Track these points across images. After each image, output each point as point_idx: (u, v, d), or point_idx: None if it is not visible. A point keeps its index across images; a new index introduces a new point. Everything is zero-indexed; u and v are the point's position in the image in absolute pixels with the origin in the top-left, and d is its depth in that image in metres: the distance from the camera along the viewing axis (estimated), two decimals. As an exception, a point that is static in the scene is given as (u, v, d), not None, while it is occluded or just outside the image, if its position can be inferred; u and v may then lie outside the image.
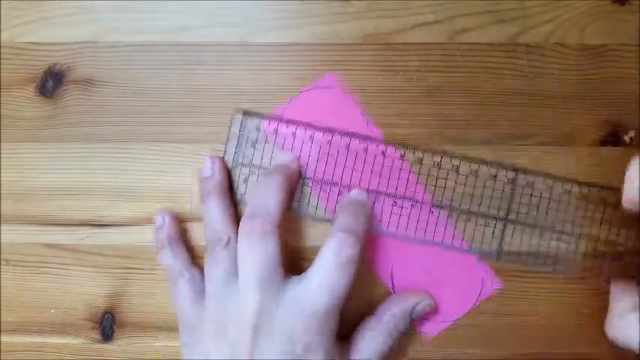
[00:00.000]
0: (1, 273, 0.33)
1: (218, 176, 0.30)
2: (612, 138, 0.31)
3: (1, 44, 0.33)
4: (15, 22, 0.33)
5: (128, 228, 0.32)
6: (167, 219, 0.31)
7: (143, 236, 0.32)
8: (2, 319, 0.33)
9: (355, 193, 0.30)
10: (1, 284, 0.33)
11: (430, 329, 0.31)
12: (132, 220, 0.32)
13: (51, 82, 0.33)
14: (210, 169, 0.31)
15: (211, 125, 0.32)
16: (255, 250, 0.26)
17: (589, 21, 0.31)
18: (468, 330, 0.31)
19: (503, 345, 0.31)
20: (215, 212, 0.29)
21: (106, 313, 0.32)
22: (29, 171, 0.33)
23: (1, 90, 0.33)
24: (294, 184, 0.31)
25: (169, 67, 0.32)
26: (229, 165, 0.31)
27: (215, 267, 0.28)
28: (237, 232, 0.28)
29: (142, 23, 0.32)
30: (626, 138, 0.31)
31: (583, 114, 0.31)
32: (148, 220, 0.32)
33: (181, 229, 0.32)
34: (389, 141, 0.31)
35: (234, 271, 0.28)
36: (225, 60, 0.32)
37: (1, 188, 0.33)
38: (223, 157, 0.31)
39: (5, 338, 0.33)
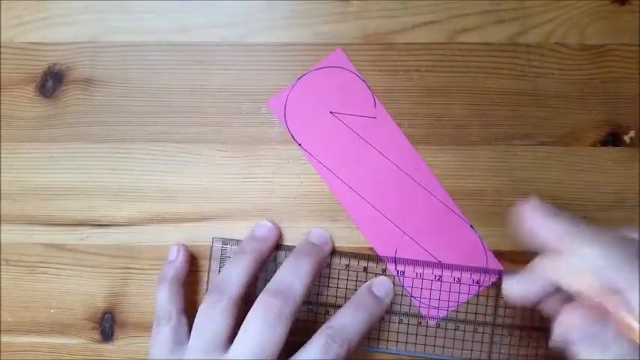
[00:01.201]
0: (1, 273, 0.33)
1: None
2: (612, 138, 0.31)
3: (1, 44, 0.33)
4: (15, 22, 0.33)
5: (128, 228, 0.32)
6: (181, 257, 0.31)
7: (143, 236, 0.32)
8: (2, 319, 0.33)
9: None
10: (1, 284, 0.33)
11: (432, 315, 0.31)
12: (132, 220, 0.32)
13: (51, 82, 0.33)
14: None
15: (211, 125, 0.32)
16: (266, 328, 0.26)
17: (589, 21, 0.31)
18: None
19: (502, 345, 0.31)
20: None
21: (105, 313, 0.32)
22: (29, 171, 0.33)
23: (1, 90, 0.33)
24: (323, 266, 0.31)
25: (169, 67, 0.32)
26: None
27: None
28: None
29: (142, 23, 0.32)
30: (626, 138, 0.31)
31: (583, 114, 0.31)
32: (148, 220, 0.32)
33: (187, 271, 0.31)
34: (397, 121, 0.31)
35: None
36: (225, 60, 0.32)
37: (1, 188, 0.33)
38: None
39: (5, 338, 0.33)
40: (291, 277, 0.28)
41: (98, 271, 0.32)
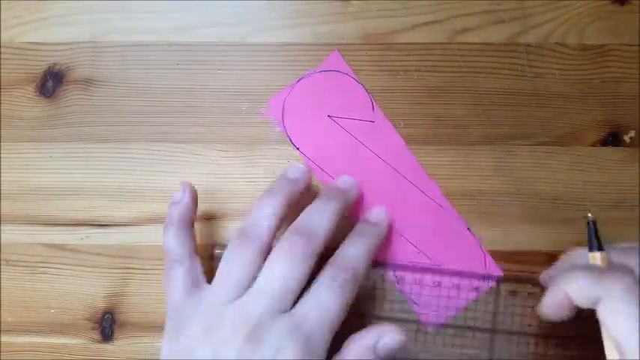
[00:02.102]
0: (1, 273, 0.33)
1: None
2: (612, 138, 0.31)
3: (1, 44, 0.33)
4: (15, 22, 0.33)
5: (128, 228, 0.32)
6: (187, 196, 0.29)
7: (143, 236, 0.32)
8: (2, 319, 0.33)
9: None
10: (1, 284, 0.33)
11: (432, 321, 0.31)
12: (132, 220, 0.32)
13: (51, 82, 0.33)
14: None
15: (211, 125, 0.32)
16: (288, 267, 0.26)
17: (589, 21, 0.31)
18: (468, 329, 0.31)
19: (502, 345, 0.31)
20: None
21: (105, 313, 0.32)
22: (29, 171, 0.33)
23: (1, 90, 0.33)
24: (348, 211, 0.31)
25: (169, 67, 0.32)
26: None
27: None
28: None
29: (141, 23, 0.32)
30: (626, 138, 0.31)
31: (583, 114, 0.31)
32: (148, 220, 0.32)
33: (196, 213, 0.30)
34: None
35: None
36: (225, 60, 0.32)
37: (1, 188, 0.33)
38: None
39: (5, 338, 0.33)
40: (317, 218, 0.28)
41: (98, 271, 0.32)
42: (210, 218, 0.32)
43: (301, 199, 0.29)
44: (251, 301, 0.26)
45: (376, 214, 0.31)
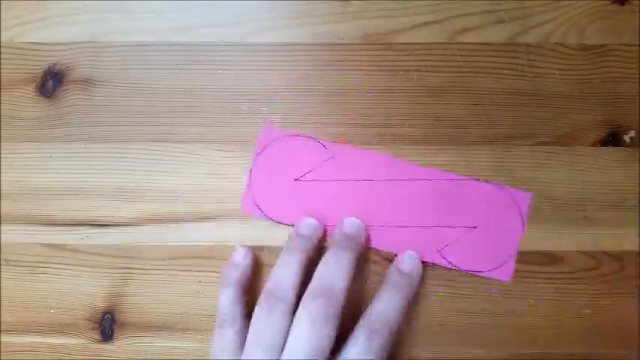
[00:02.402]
0: (1, 273, 0.33)
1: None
2: (612, 138, 0.31)
3: (1, 44, 0.33)
4: (15, 22, 0.33)
5: (128, 228, 0.32)
6: (248, 260, 0.31)
7: (143, 236, 0.32)
8: (2, 319, 0.33)
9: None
10: (1, 284, 0.33)
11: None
12: (132, 220, 0.32)
13: (51, 82, 0.33)
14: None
15: (211, 125, 0.32)
16: (313, 333, 0.26)
17: (589, 21, 0.31)
18: (468, 330, 0.31)
19: (503, 345, 0.31)
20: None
21: (105, 313, 0.32)
22: (29, 171, 0.33)
23: (1, 90, 0.33)
24: (361, 256, 0.31)
25: (169, 67, 0.32)
26: None
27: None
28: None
29: (141, 23, 0.32)
30: (626, 138, 0.31)
31: (583, 114, 0.31)
32: (148, 220, 0.32)
33: (251, 277, 0.31)
34: (385, 140, 0.31)
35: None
36: (225, 60, 0.32)
37: (1, 188, 0.33)
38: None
39: (5, 338, 0.33)
40: (332, 276, 0.28)
41: (98, 271, 0.32)
42: (210, 218, 0.32)
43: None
44: None
45: (408, 261, 0.30)
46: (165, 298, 0.32)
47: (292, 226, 0.31)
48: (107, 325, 0.32)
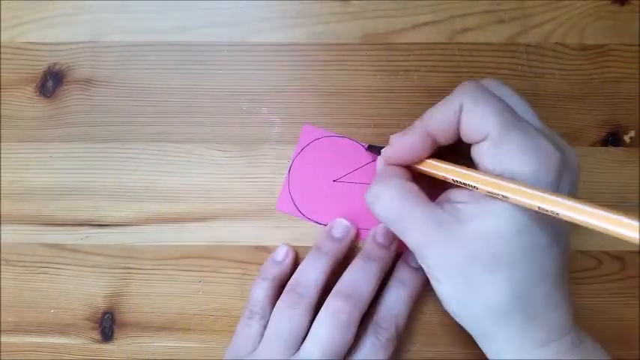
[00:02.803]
0: (1, 273, 0.33)
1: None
2: (612, 138, 0.31)
3: (1, 44, 0.33)
4: (15, 22, 0.33)
5: (128, 228, 0.32)
6: (289, 259, 0.31)
7: (143, 236, 0.32)
8: (2, 319, 0.33)
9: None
10: (1, 284, 0.33)
11: None
12: (132, 220, 0.32)
13: (51, 82, 0.33)
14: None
15: (211, 125, 0.32)
16: (336, 332, 0.27)
17: (589, 21, 0.31)
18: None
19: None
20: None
21: (105, 313, 0.32)
22: (29, 171, 0.33)
23: (1, 90, 0.33)
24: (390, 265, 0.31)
25: (169, 67, 0.32)
26: None
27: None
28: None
29: (141, 23, 0.32)
30: (626, 138, 0.31)
31: (583, 114, 0.31)
32: (148, 220, 0.32)
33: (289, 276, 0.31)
34: (385, 142, 0.31)
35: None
36: (225, 60, 0.32)
37: (1, 188, 0.33)
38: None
39: (5, 338, 0.33)
40: (361, 281, 0.28)
41: (98, 271, 0.32)
42: (210, 218, 0.32)
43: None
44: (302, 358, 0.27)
45: None
46: (165, 298, 0.32)
47: (325, 226, 0.31)
48: (107, 325, 0.32)
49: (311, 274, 0.29)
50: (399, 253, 0.30)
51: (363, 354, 0.28)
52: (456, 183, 0.25)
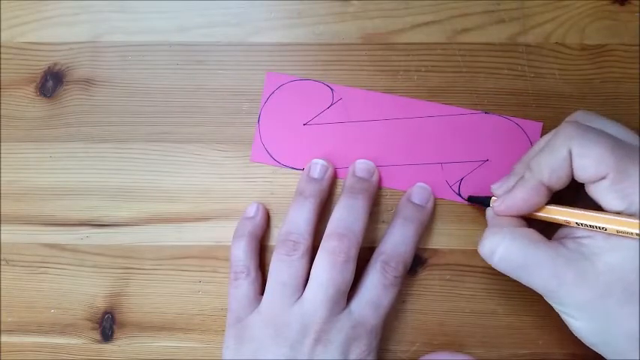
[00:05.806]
0: (1, 273, 0.33)
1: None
2: (612, 138, 0.31)
3: (1, 44, 0.33)
4: (15, 22, 0.33)
5: (128, 228, 0.32)
6: (260, 214, 0.31)
7: (143, 236, 0.32)
8: (2, 319, 0.33)
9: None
10: (1, 284, 0.33)
11: None
12: (132, 220, 0.32)
13: (51, 82, 0.33)
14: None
15: (211, 125, 0.32)
16: (335, 272, 0.27)
17: (589, 21, 0.31)
18: (468, 330, 0.31)
19: (503, 345, 0.31)
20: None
21: (106, 313, 0.32)
22: (29, 171, 0.33)
23: (1, 90, 0.33)
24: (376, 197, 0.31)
25: (169, 67, 0.32)
26: None
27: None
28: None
29: (141, 23, 0.32)
30: (626, 138, 0.31)
31: (583, 114, 0.31)
32: (148, 220, 0.32)
33: (265, 231, 0.31)
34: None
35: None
36: (225, 60, 0.32)
37: (1, 188, 0.33)
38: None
39: (5, 338, 0.33)
40: (350, 218, 0.28)
41: (98, 271, 0.32)
42: (210, 218, 0.32)
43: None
44: (310, 309, 0.27)
45: (420, 193, 0.31)
46: (165, 298, 0.32)
47: (302, 170, 0.31)
48: (107, 325, 0.32)
49: (300, 220, 0.29)
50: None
51: (372, 294, 0.28)
52: (580, 227, 0.25)
